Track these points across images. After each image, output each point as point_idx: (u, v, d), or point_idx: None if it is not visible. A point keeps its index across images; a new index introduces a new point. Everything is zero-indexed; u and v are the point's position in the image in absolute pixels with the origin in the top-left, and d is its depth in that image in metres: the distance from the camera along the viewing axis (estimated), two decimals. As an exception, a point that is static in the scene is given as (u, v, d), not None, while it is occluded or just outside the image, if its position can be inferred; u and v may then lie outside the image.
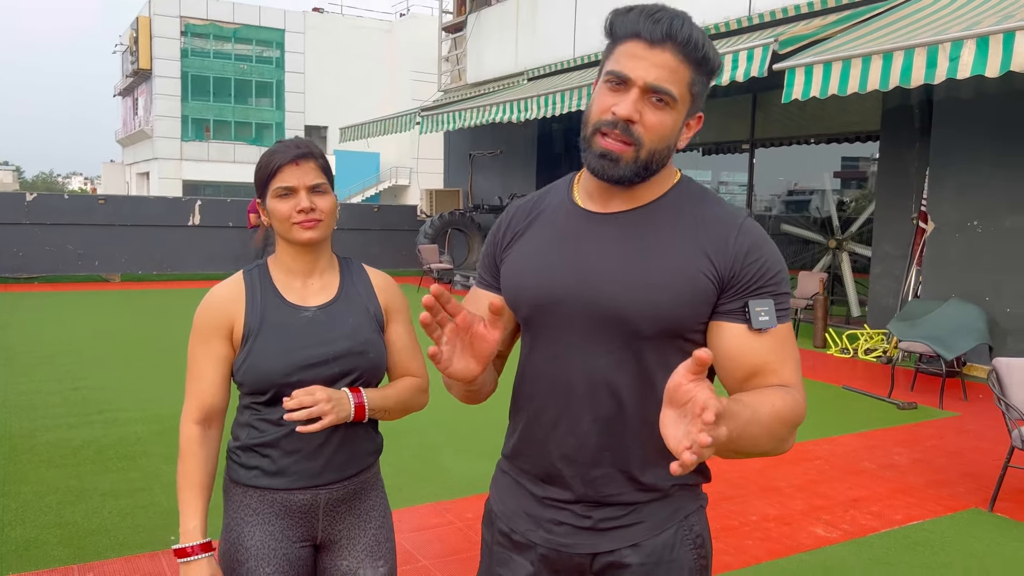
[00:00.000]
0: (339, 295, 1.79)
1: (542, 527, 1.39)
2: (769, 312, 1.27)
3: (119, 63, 47.82)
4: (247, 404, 1.75)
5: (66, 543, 3.51)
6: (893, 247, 8.93)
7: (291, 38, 42.34)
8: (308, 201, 1.70)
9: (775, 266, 1.30)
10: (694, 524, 1.39)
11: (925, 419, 6.19)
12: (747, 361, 1.28)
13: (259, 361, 1.69)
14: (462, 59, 16.13)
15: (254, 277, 1.79)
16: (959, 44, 5.54)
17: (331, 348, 1.72)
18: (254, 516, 1.73)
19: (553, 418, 1.36)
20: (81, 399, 5.95)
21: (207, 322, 1.75)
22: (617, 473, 1.34)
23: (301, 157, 1.71)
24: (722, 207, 1.35)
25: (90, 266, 14.14)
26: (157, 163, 40.39)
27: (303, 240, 1.72)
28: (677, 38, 1.23)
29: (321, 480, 1.73)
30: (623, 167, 1.27)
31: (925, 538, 3.91)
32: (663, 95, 1.25)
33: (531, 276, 1.37)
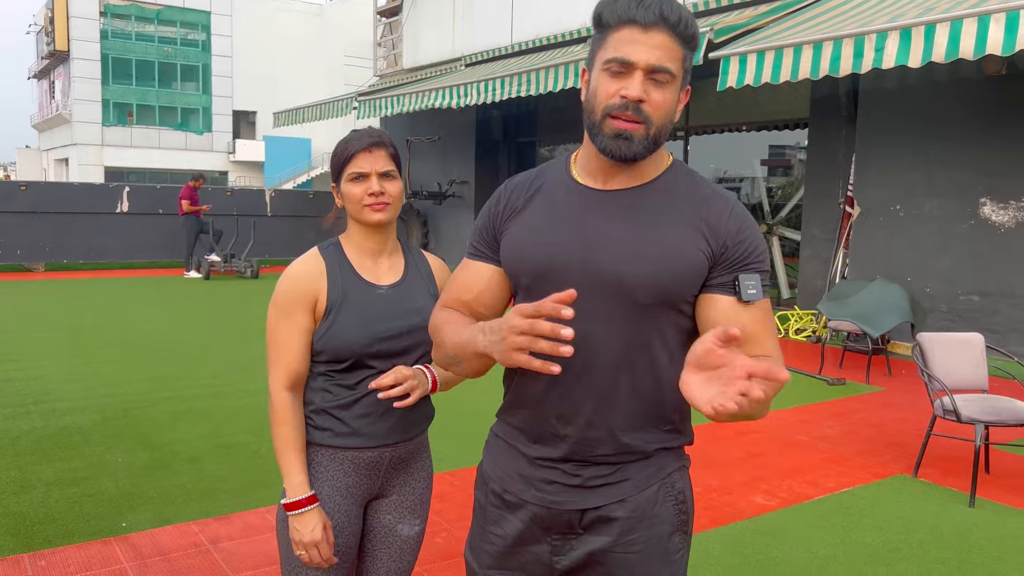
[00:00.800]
0: (405, 276, 1.97)
1: (533, 486, 1.48)
2: (756, 286, 1.38)
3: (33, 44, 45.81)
4: (322, 371, 1.89)
5: (13, 533, 3.44)
6: (821, 231, 9.29)
7: (217, 20, 41.18)
8: (379, 185, 1.86)
9: (760, 245, 1.42)
10: (675, 482, 1.48)
11: (853, 394, 6.50)
12: None
13: (342, 332, 1.84)
14: (398, 44, 16.00)
15: (331, 254, 1.92)
16: (884, 35, 5.80)
17: (403, 323, 1.89)
18: (324, 472, 1.87)
19: (549, 381, 1.43)
20: (15, 390, 5.78)
21: (291, 295, 1.87)
22: (607, 434, 1.43)
23: (374, 145, 1.86)
24: (713, 188, 1.46)
25: (11, 255, 13.60)
26: (76, 149, 38.89)
27: (373, 221, 1.88)
28: (669, 20, 1.32)
29: (388, 440, 1.90)
30: (636, 144, 1.36)
31: (856, 503, 4.14)
32: (664, 73, 1.33)
33: (533, 246, 1.45)
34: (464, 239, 15.38)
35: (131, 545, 3.38)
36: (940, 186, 7.78)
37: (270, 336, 1.89)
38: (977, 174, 7.52)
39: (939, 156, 7.77)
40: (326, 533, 1.81)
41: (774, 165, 12.56)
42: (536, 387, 1.46)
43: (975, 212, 7.57)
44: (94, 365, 6.64)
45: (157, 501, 3.85)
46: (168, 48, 40.82)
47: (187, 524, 3.59)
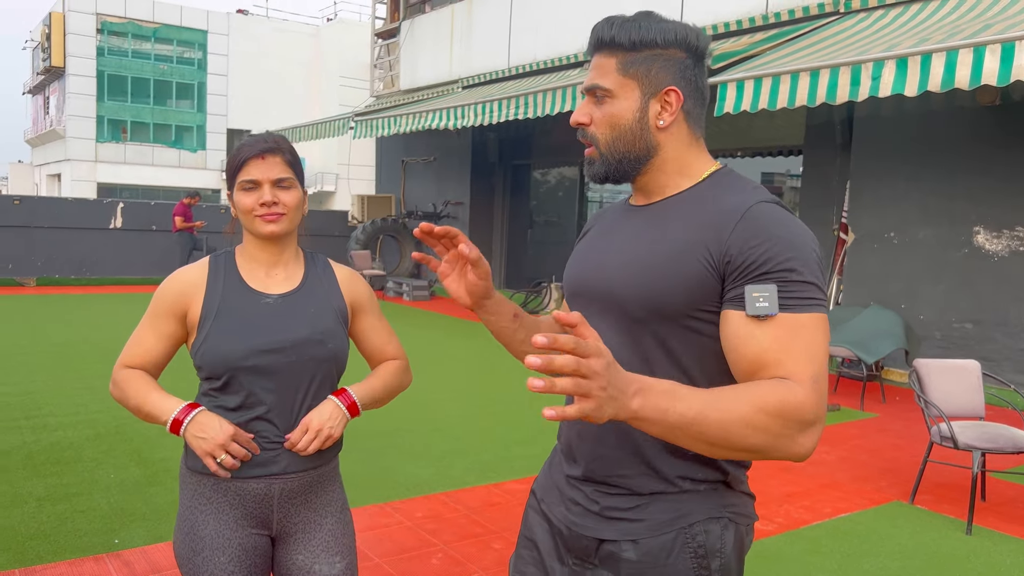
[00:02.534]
0: (302, 286, 1.83)
1: (563, 503, 1.46)
2: (769, 298, 1.20)
3: (28, 60, 45.86)
4: (204, 391, 1.78)
5: (4, 549, 3.39)
6: (815, 257, 9.33)
7: (214, 39, 41.34)
8: (271, 195, 1.73)
9: (784, 251, 1.22)
10: (698, 534, 1.33)
11: (848, 420, 6.50)
12: (746, 352, 1.22)
13: (218, 343, 1.71)
14: (395, 65, 16.09)
15: (219, 262, 1.83)
16: (880, 64, 5.87)
17: (290, 335, 1.74)
18: (208, 505, 1.75)
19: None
20: (5, 405, 5.72)
21: (163, 301, 1.80)
22: (624, 454, 1.37)
23: (268, 151, 1.74)
24: (743, 194, 1.31)
25: (3, 269, 13.52)
26: (70, 164, 38.81)
27: (265, 233, 1.76)
28: (602, 41, 1.38)
29: (275, 469, 1.74)
30: (596, 166, 1.40)
31: (853, 528, 4.13)
32: (596, 90, 1.38)
33: (572, 265, 1.52)
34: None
35: (124, 562, 3.33)
36: (934, 214, 7.84)
37: (135, 329, 1.83)
38: (971, 202, 7.59)
39: (933, 184, 7.84)
40: (235, 427, 1.69)
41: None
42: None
43: (969, 240, 7.63)
44: (86, 380, 6.58)
45: (150, 518, 3.81)
46: (164, 66, 40.92)
47: (180, 542, 3.55)
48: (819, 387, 1.18)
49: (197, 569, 1.74)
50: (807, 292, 1.22)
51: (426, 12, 15.16)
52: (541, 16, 11.94)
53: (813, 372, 1.18)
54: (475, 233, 14.91)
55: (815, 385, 1.18)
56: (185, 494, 1.79)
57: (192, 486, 1.77)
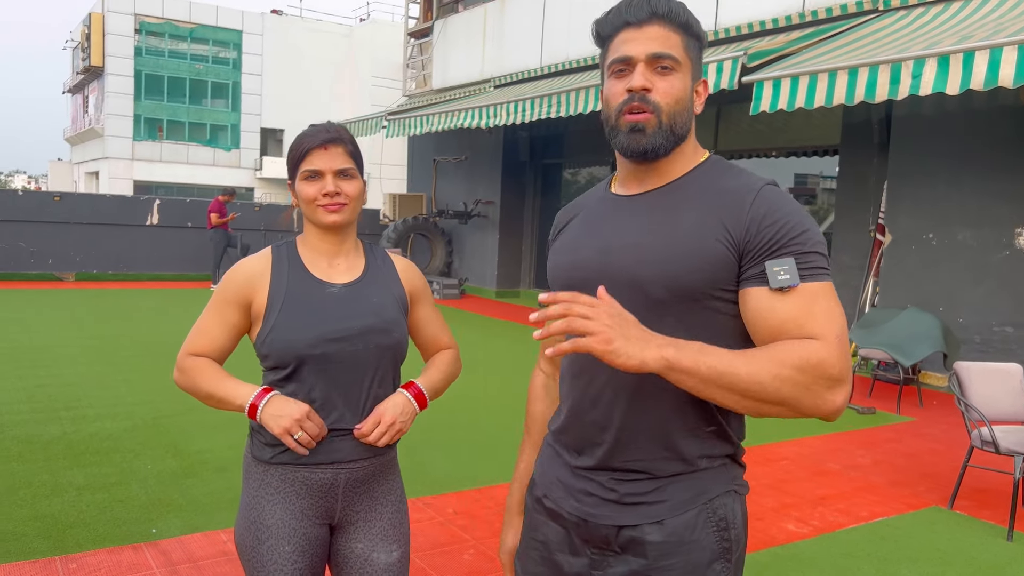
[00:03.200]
0: (364, 275, 1.83)
1: (573, 496, 1.45)
2: (790, 270, 1.26)
3: (69, 60, 46.73)
4: (270, 382, 1.78)
5: (45, 535, 3.45)
6: (851, 258, 9.21)
7: (249, 39, 41.84)
8: (333, 185, 1.73)
9: (797, 227, 1.29)
10: (718, 508, 1.39)
11: (884, 424, 6.40)
12: (770, 324, 1.28)
13: (284, 332, 1.72)
14: (427, 65, 16.16)
15: (282, 252, 1.83)
16: (921, 62, 5.77)
17: (356, 323, 1.75)
18: (275, 494, 1.76)
19: (584, 387, 1.43)
20: (47, 396, 5.83)
21: (228, 290, 1.80)
22: (643, 437, 1.38)
23: (330, 141, 1.74)
24: (744, 177, 1.38)
25: (43, 264, 13.79)
26: (107, 162, 39.49)
27: (327, 223, 1.76)
28: (659, 11, 1.35)
29: (340, 457, 1.76)
30: (651, 134, 1.35)
31: (891, 533, 4.06)
32: (665, 59, 1.34)
33: (566, 256, 1.49)
34: (488, 259, 15.44)
35: (161, 551, 3.38)
36: (974, 215, 7.69)
37: (200, 316, 1.83)
38: (1013, 204, 7.43)
39: (974, 185, 7.69)
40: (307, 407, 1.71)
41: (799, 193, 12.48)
42: (572, 394, 1.47)
43: (1010, 242, 7.47)
44: (124, 373, 6.69)
45: (186, 509, 3.86)
46: (200, 65, 41.49)
47: (216, 532, 3.59)
48: (843, 344, 1.25)
49: (261, 558, 1.75)
50: (818, 262, 1.29)
51: (459, 12, 15.19)
52: (574, 16, 11.91)
53: (836, 331, 1.25)
54: (505, 232, 14.92)
55: (839, 342, 1.25)
56: (251, 484, 1.79)
57: (258, 476, 1.78)
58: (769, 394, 1.19)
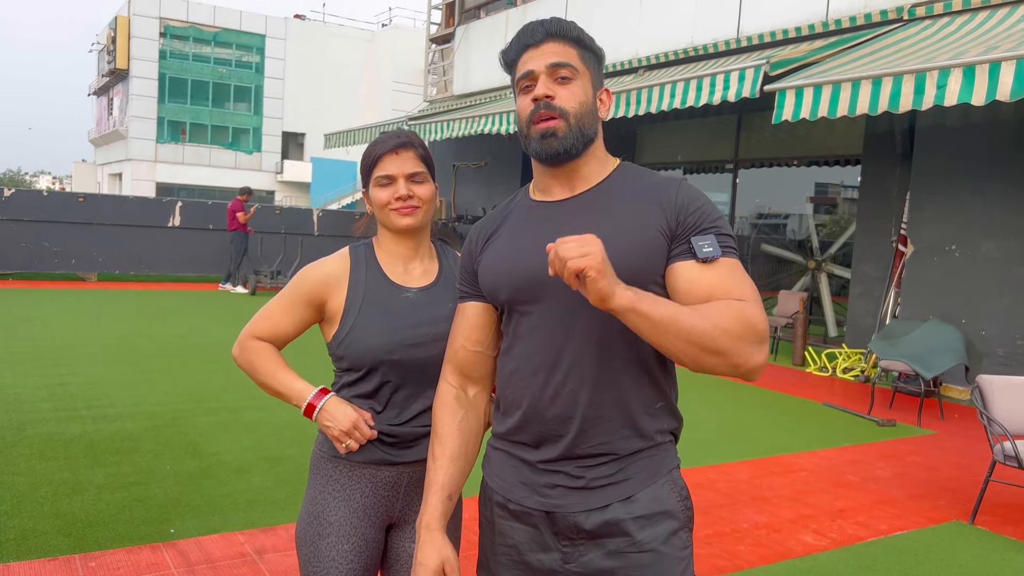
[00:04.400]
0: (439, 279, 1.86)
1: (537, 492, 1.49)
2: (712, 244, 1.41)
3: (94, 62, 47.33)
4: (343, 383, 1.82)
5: (65, 533, 3.49)
6: (872, 268, 9.13)
7: (271, 44, 42.22)
8: (406, 189, 1.77)
9: (713, 213, 1.45)
10: (677, 478, 1.51)
11: (904, 436, 6.33)
12: (698, 291, 1.39)
13: (363, 336, 1.75)
14: (448, 70, 16.22)
15: (360, 254, 1.86)
16: (946, 72, 5.72)
17: (432, 329, 1.77)
18: (340, 491, 1.79)
19: (543, 383, 1.47)
20: (68, 395, 5.89)
21: (302, 289, 1.83)
22: (606, 424, 1.45)
23: (401, 147, 1.78)
24: (661, 176, 1.53)
25: (66, 264, 13.95)
26: (131, 164, 39.95)
27: (401, 226, 1.79)
28: (552, 31, 1.49)
29: (407, 457, 1.79)
30: (562, 138, 1.45)
31: (910, 547, 4.02)
32: (564, 68, 1.47)
33: (505, 263, 1.53)
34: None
35: (179, 551, 3.40)
36: (998, 227, 7.61)
37: (270, 304, 1.86)
38: (1037, 216, 7.35)
39: (998, 196, 7.61)
40: (358, 412, 1.75)
41: (821, 202, 12.41)
42: (529, 392, 1.50)
43: (1034, 255, 7.38)
44: (144, 373, 6.75)
45: (204, 509, 3.88)
46: (223, 69, 41.91)
47: (233, 533, 3.61)
48: (763, 308, 1.40)
49: (320, 553, 1.78)
50: (732, 243, 1.45)
51: (480, 18, 15.24)
52: (594, 22, 11.91)
53: (757, 296, 1.41)
54: (524, 238, 14.90)
55: (760, 305, 1.40)
56: (317, 479, 1.82)
57: (326, 472, 1.81)
58: (707, 342, 1.30)
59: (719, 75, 7.64)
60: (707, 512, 4.30)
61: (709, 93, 7.70)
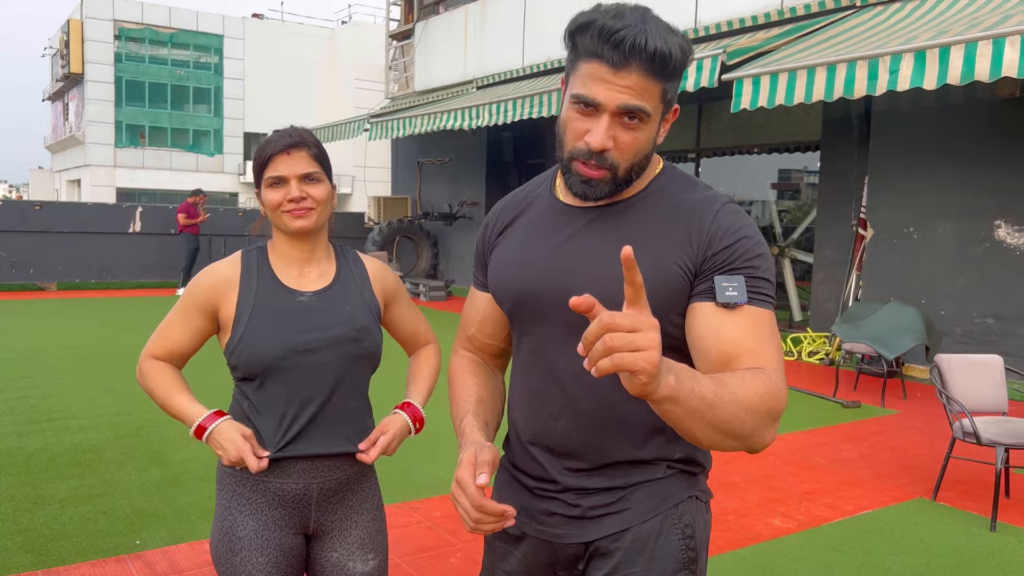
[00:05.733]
0: (335, 282, 1.81)
1: (534, 518, 1.40)
2: (738, 288, 1.22)
3: (48, 67, 46.38)
4: (240, 393, 1.77)
5: (27, 549, 3.42)
6: (834, 253, 9.27)
7: (230, 44, 41.65)
8: (298, 190, 1.71)
9: (751, 250, 1.25)
10: (683, 513, 1.36)
11: (868, 417, 6.44)
12: (719, 341, 1.21)
13: (253, 343, 1.70)
14: (409, 67, 16.13)
15: (251, 259, 1.79)
16: (898, 57, 5.81)
17: (326, 334, 1.73)
18: (247, 505, 1.74)
19: (535, 411, 1.38)
20: (29, 407, 5.78)
21: (193, 296, 1.77)
22: (603, 461, 1.35)
23: (293, 146, 1.71)
24: (702, 193, 1.33)
25: (24, 274, 13.67)
26: (89, 170, 39.21)
27: (294, 228, 1.73)
28: (642, 58, 1.18)
29: (314, 469, 1.75)
30: (603, 188, 1.28)
31: (875, 527, 4.09)
32: (636, 113, 1.22)
33: (512, 270, 1.40)
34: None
35: (145, 563, 3.35)
36: (954, 208, 7.76)
37: (166, 317, 1.81)
38: (991, 196, 7.50)
39: (952, 178, 7.76)
40: (247, 438, 1.69)
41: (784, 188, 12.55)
42: (524, 421, 1.42)
43: (989, 235, 7.54)
44: (107, 383, 6.65)
45: (171, 519, 3.83)
46: (181, 71, 41.28)
47: (201, 542, 3.57)
48: (784, 377, 1.22)
49: (235, 569, 1.74)
50: (767, 290, 1.26)
51: (440, 13, 15.18)
52: (554, 15, 11.92)
53: (781, 362, 1.22)
54: (491, 233, 14.89)
55: (783, 375, 1.22)
56: (223, 495, 1.78)
57: (230, 487, 1.76)
58: (734, 428, 1.10)
59: (677, 65, 7.68)
60: (677, 500, 4.34)
61: (668, 84, 7.74)
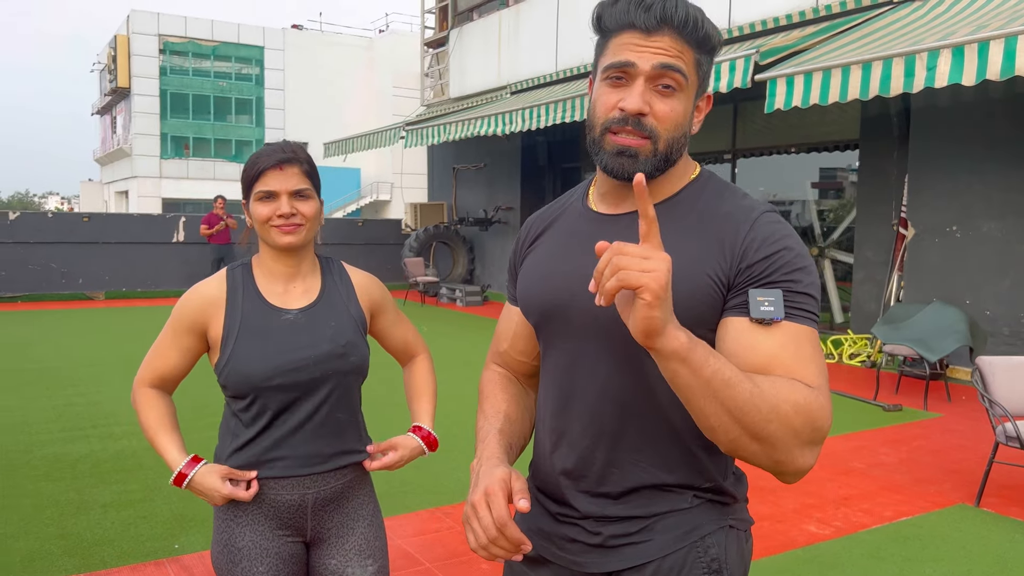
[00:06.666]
0: (320, 298, 1.81)
1: (555, 544, 1.34)
2: (775, 303, 1.14)
3: (96, 82, 47.62)
4: (232, 410, 1.79)
5: (71, 553, 3.52)
6: (874, 253, 9.10)
7: (270, 55, 42.36)
8: (288, 206, 1.71)
9: (792, 262, 1.17)
10: (710, 547, 1.26)
11: (910, 420, 6.31)
12: (752, 359, 1.14)
13: (240, 364, 1.71)
14: (444, 74, 16.25)
15: (237, 277, 1.80)
16: (936, 54, 5.70)
17: (312, 352, 1.74)
18: (244, 516, 1.76)
19: (559, 430, 1.32)
20: (75, 415, 5.94)
21: (183, 318, 1.78)
22: (624, 487, 1.28)
23: (285, 162, 1.71)
24: (739, 201, 1.26)
25: (74, 284, 14.05)
26: (136, 181, 40.17)
27: (282, 244, 1.74)
28: (674, 21, 1.17)
29: (309, 482, 1.77)
30: (643, 162, 1.20)
31: (915, 533, 4.01)
32: (671, 76, 1.18)
33: (539, 282, 1.35)
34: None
35: (183, 566, 3.43)
36: (998, 206, 7.57)
37: (158, 338, 1.83)
38: (1037, 193, 7.30)
39: (996, 175, 7.57)
40: (226, 477, 1.72)
41: (826, 187, 12.35)
42: (547, 439, 1.35)
43: (1036, 232, 7.34)
44: (150, 390, 6.79)
45: (208, 523, 3.91)
46: (223, 83, 42.09)
47: (237, 547, 3.63)
48: (830, 399, 1.13)
49: None
50: (809, 305, 1.17)
51: (474, 20, 15.26)
52: (587, 19, 11.90)
53: (827, 384, 1.15)
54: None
55: (827, 396, 1.13)
56: (220, 508, 1.80)
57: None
58: (756, 424, 1.05)
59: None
60: (710, 505, 4.30)
61: (701, 85, 7.68)
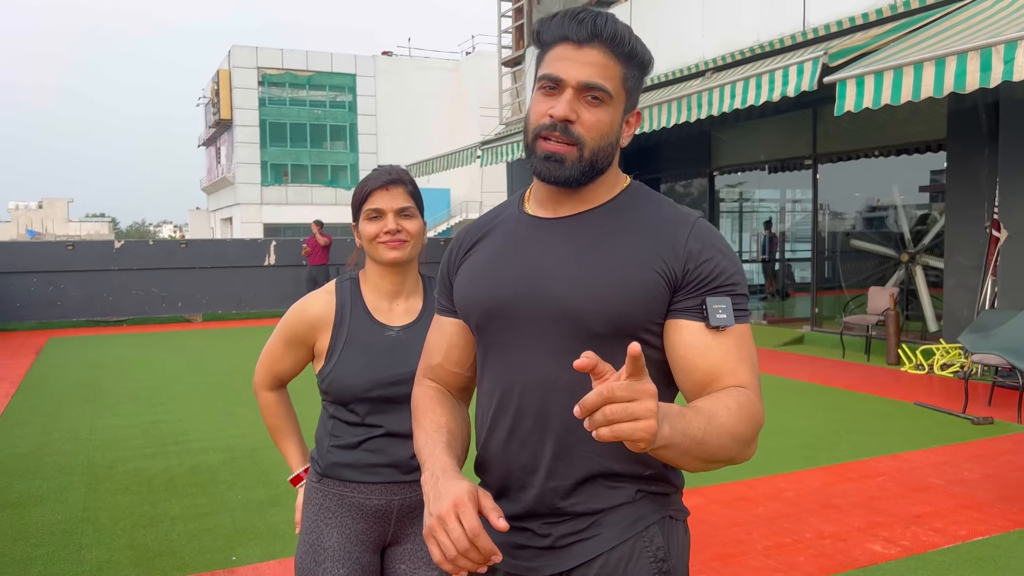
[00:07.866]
0: (421, 316, 1.92)
1: (506, 552, 1.34)
2: (727, 311, 1.25)
3: (202, 115, 50.22)
4: (330, 412, 1.92)
5: (136, 563, 3.71)
6: (966, 258, 8.64)
7: (362, 82, 43.66)
8: (394, 223, 1.85)
9: (730, 267, 1.28)
10: (655, 536, 1.31)
11: (1001, 434, 5.94)
12: (705, 362, 1.24)
13: (343, 375, 1.85)
14: (521, 92, 16.39)
15: (345, 292, 1.94)
16: (1013, 45, 5.40)
17: (411, 369, 1.80)
18: (332, 518, 1.87)
19: (508, 427, 1.34)
20: (159, 432, 6.26)
21: (293, 330, 1.94)
22: (572, 480, 1.31)
23: (391, 183, 1.87)
24: (675, 207, 1.35)
25: (173, 308, 14.82)
26: (239, 208, 42.03)
27: (388, 259, 1.86)
28: (603, 35, 1.26)
29: (397, 488, 1.87)
30: (568, 167, 1.28)
31: (990, 553, 3.77)
32: (597, 91, 1.26)
33: (480, 283, 1.38)
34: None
35: (236, 578, 3.56)
36: (1099, 204, 7.08)
37: (268, 343, 1.98)
38: None
39: (1096, 171, 7.08)
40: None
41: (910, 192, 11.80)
42: (495, 437, 1.37)
43: None
44: (231, 407, 7.09)
45: (266, 536, 4.05)
46: (318, 111, 43.62)
47: (290, 559, 3.74)
48: (760, 393, 1.27)
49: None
50: (746, 304, 1.31)
51: (549, 37, 15.35)
52: (659, 30, 11.81)
53: (757, 379, 1.28)
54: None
55: (759, 391, 1.27)
56: (310, 508, 1.91)
57: (317, 501, 1.90)
58: (721, 455, 1.16)
59: (777, 71, 7.44)
60: (771, 523, 4.17)
61: (768, 90, 7.52)
